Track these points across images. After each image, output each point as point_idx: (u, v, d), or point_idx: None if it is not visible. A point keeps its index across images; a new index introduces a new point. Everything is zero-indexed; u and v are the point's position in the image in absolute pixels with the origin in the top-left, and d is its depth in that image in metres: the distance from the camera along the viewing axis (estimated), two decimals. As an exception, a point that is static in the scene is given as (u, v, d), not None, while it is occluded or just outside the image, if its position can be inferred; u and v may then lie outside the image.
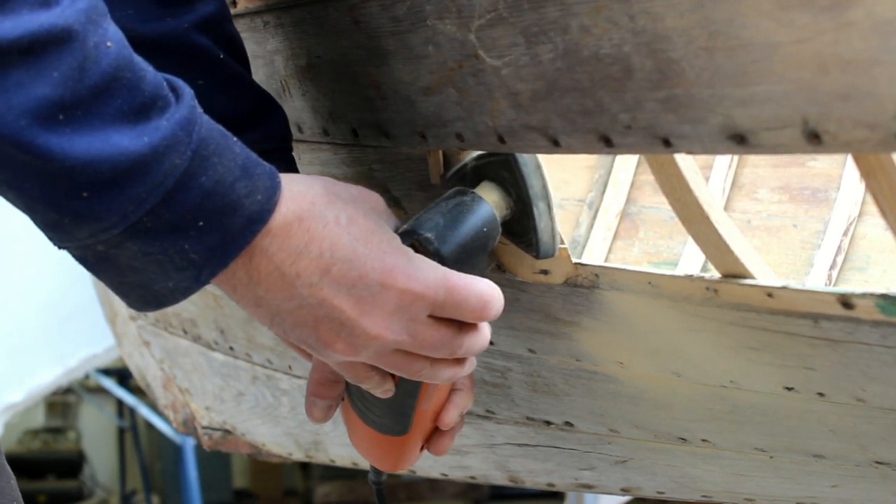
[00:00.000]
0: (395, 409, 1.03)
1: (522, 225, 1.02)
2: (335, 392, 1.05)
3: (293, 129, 1.16)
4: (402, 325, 0.90)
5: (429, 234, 0.95)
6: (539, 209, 1.00)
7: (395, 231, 0.94)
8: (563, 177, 1.88)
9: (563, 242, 1.05)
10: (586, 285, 1.06)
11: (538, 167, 1.00)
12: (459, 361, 0.96)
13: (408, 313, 0.89)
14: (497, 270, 1.11)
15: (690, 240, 1.64)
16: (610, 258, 1.80)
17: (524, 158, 0.99)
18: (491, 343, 1.22)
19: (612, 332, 1.10)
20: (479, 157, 1.02)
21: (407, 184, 1.11)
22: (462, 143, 1.01)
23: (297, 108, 1.16)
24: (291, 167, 1.07)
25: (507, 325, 1.19)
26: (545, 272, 1.08)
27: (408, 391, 1.01)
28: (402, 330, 0.90)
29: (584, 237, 1.82)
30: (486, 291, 0.92)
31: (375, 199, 0.94)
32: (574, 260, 1.06)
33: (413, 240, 0.95)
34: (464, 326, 0.93)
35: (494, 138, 0.97)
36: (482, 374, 1.31)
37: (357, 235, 0.88)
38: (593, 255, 1.79)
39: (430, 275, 0.90)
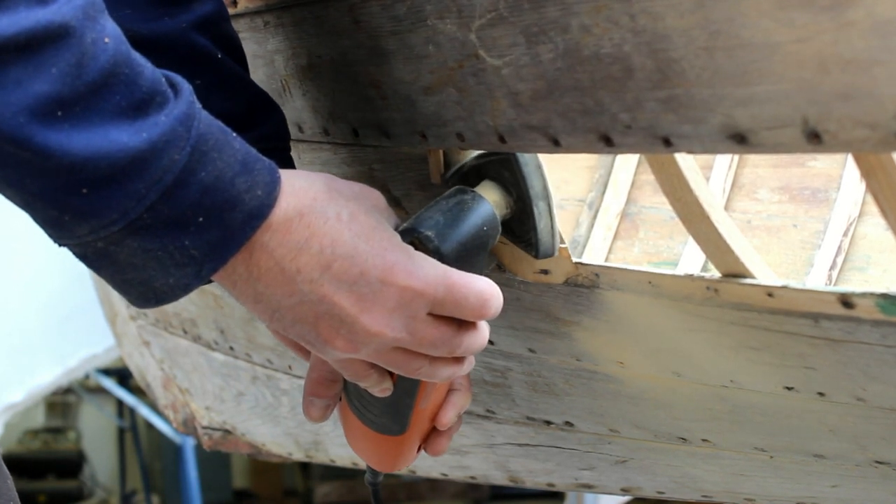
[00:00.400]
0: (393, 409, 1.03)
1: (522, 224, 1.01)
2: (333, 391, 1.05)
3: (294, 129, 1.16)
4: (401, 323, 0.90)
5: (429, 233, 0.95)
6: (539, 209, 1.00)
7: (396, 229, 0.94)
8: (563, 177, 1.88)
9: (563, 242, 1.05)
10: (587, 285, 1.06)
11: (539, 167, 1.00)
12: (458, 360, 0.96)
13: (408, 310, 0.89)
14: (497, 270, 1.11)
15: (690, 240, 1.64)
16: (610, 258, 1.80)
17: (525, 158, 0.99)
18: (491, 342, 1.22)
19: (613, 332, 1.10)
20: (480, 156, 1.02)
21: (407, 183, 1.11)
22: (462, 142, 1.01)
23: (297, 107, 1.16)
24: (289, 167, 1.07)
25: (507, 325, 1.19)
26: (546, 272, 1.08)
27: (406, 390, 1.01)
28: (401, 327, 0.90)
29: (585, 237, 1.82)
30: (485, 290, 0.92)
31: (376, 196, 0.94)
32: (574, 260, 1.06)
33: (413, 237, 0.95)
34: (463, 325, 0.93)
35: (495, 138, 0.97)
36: (482, 374, 1.31)
37: (358, 232, 0.88)
38: (594, 255, 1.79)
39: (430, 272, 0.90)
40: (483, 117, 0.97)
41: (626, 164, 1.85)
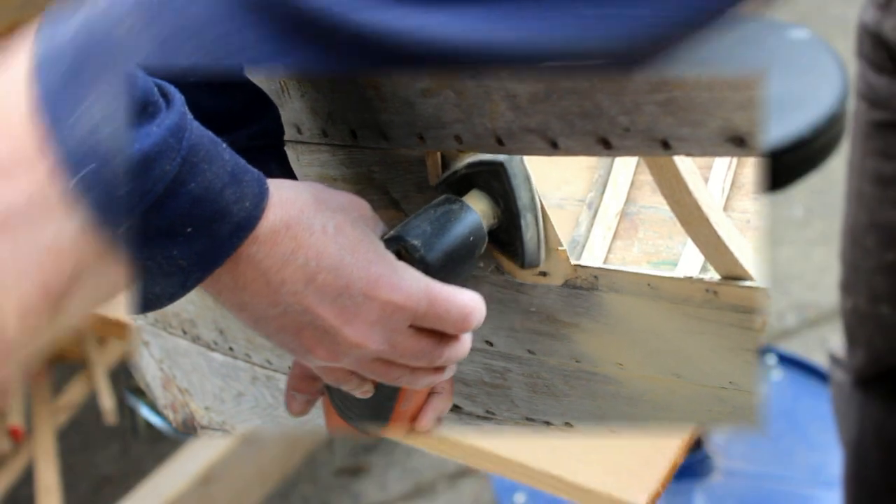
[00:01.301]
0: (374, 410, 1.04)
1: (509, 234, 1.02)
2: (315, 387, 1.05)
3: (292, 131, 1.16)
4: (383, 335, 0.90)
5: (415, 241, 0.95)
6: (526, 220, 1.01)
7: (382, 237, 0.94)
8: (563, 177, 1.88)
9: (562, 244, 1.05)
10: (585, 287, 1.06)
11: (527, 178, 1.00)
12: (439, 369, 0.96)
13: (389, 323, 0.90)
14: (497, 272, 1.11)
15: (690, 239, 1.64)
16: (609, 258, 1.80)
17: (514, 170, 0.99)
18: (490, 344, 1.22)
19: (612, 334, 1.10)
20: (470, 165, 1.02)
21: (406, 185, 1.11)
22: (461, 144, 1.00)
23: (296, 109, 1.15)
24: (285, 164, 1.07)
25: (506, 327, 1.18)
26: (544, 274, 1.08)
27: (386, 394, 1.02)
28: (383, 339, 0.90)
29: (584, 237, 1.82)
30: (467, 304, 0.92)
31: (363, 206, 0.94)
32: (573, 261, 1.06)
33: (399, 246, 0.95)
34: (444, 337, 0.93)
35: (493, 140, 0.97)
36: (482, 375, 1.31)
37: (344, 245, 0.88)
38: (593, 255, 1.79)
39: (413, 286, 0.90)
40: (481, 119, 0.96)
41: (626, 164, 1.85)
